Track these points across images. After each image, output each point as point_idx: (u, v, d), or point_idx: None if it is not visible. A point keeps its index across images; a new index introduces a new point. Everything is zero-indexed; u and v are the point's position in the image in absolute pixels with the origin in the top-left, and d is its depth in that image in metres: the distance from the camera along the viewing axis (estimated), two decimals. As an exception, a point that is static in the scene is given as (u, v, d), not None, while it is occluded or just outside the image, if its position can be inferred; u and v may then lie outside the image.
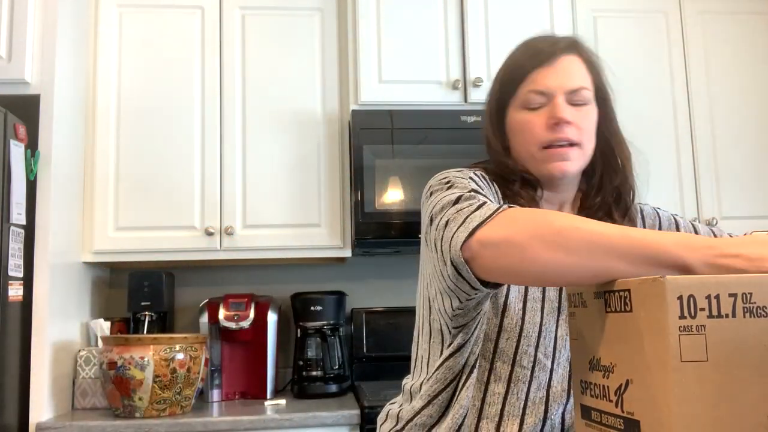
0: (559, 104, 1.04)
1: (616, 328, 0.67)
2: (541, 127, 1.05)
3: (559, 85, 1.05)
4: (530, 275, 0.81)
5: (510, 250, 0.81)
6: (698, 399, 0.58)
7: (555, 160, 1.05)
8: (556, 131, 1.04)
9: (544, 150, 1.05)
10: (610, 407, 0.68)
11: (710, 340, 0.59)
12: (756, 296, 0.60)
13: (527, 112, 1.06)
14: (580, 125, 1.05)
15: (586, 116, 1.06)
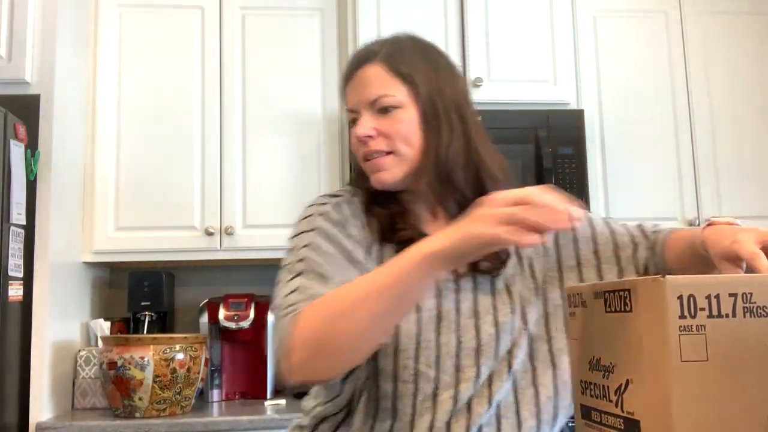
0: (360, 121, 1.05)
1: (616, 328, 0.67)
2: (355, 143, 1.06)
3: (358, 100, 1.06)
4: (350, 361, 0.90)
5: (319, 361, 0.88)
6: (698, 399, 0.58)
7: (373, 172, 1.05)
8: (363, 146, 1.05)
9: (365, 163, 1.06)
10: (610, 407, 0.68)
11: (710, 340, 0.59)
12: (756, 296, 0.60)
13: (352, 128, 1.07)
14: (389, 133, 1.03)
15: (395, 122, 1.03)
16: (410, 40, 1.11)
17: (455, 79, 1.10)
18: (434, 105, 1.05)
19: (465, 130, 1.06)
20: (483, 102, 2.42)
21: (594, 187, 2.44)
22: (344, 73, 1.09)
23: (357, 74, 1.06)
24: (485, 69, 2.43)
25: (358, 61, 1.07)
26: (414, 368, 0.98)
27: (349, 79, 1.08)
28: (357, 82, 1.06)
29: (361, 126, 1.04)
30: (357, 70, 1.07)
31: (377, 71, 1.05)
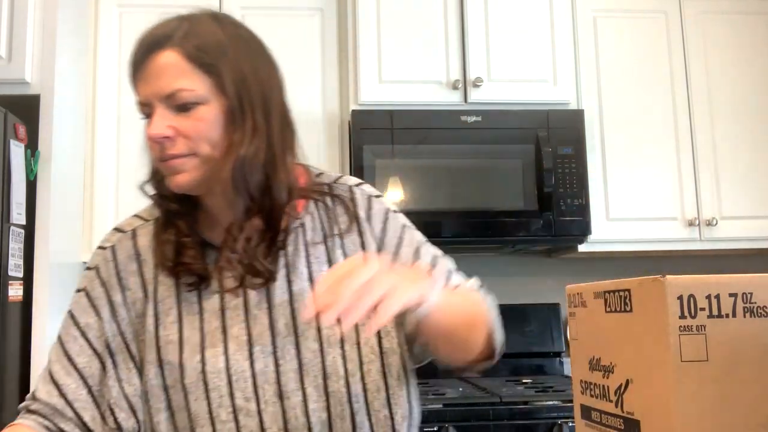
0: (153, 118, 0.90)
1: (616, 328, 0.67)
2: (149, 142, 0.91)
3: (151, 93, 0.91)
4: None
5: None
6: (698, 399, 0.58)
7: (170, 174, 0.91)
8: (159, 147, 0.90)
9: (161, 164, 0.91)
10: (610, 407, 0.68)
11: (710, 340, 0.59)
12: (756, 296, 0.60)
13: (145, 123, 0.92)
14: (189, 134, 0.89)
15: (197, 121, 0.89)
16: (212, 18, 0.97)
17: (266, 67, 1.00)
18: (240, 99, 0.92)
19: (268, 129, 0.94)
20: (483, 102, 2.43)
21: (594, 187, 2.44)
22: (132, 59, 0.93)
23: (148, 62, 0.91)
24: (485, 69, 2.43)
25: (149, 45, 0.92)
26: (231, 405, 0.90)
27: (139, 68, 0.92)
28: (149, 71, 0.91)
29: (155, 125, 0.89)
30: (148, 57, 0.91)
31: (173, 59, 0.90)
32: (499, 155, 2.37)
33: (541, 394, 2.13)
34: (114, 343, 0.96)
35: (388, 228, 1.02)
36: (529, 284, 2.75)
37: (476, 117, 2.37)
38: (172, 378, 0.92)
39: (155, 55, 0.91)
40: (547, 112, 2.41)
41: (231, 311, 0.94)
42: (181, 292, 0.96)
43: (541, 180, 2.32)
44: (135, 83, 0.94)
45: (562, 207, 2.35)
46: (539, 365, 2.64)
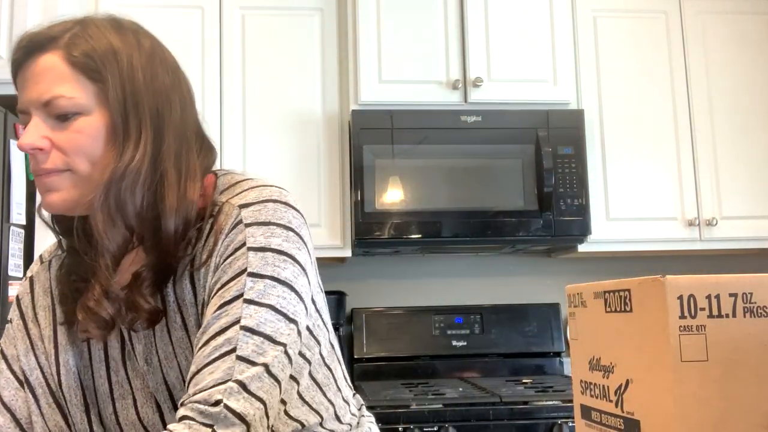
0: (27, 128, 0.81)
1: (616, 328, 0.67)
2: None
3: (28, 99, 0.81)
4: None
5: None
6: (698, 399, 0.58)
7: (43, 192, 0.82)
8: (34, 160, 0.81)
9: (36, 178, 0.82)
10: (610, 407, 0.68)
11: (710, 340, 0.59)
12: (756, 296, 0.60)
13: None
14: (65, 147, 0.80)
15: (75, 133, 0.81)
16: (111, 23, 0.87)
17: (165, 79, 0.86)
18: (126, 112, 0.82)
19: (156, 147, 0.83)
20: (483, 102, 2.43)
21: (594, 187, 2.44)
22: (12, 60, 0.84)
23: (28, 65, 0.82)
24: (485, 69, 2.43)
25: (31, 47, 0.83)
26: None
27: (18, 71, 0.83)
28: (28, 75, 0.82)
29: (27, 134, 0.80)
30: (28, 59, 0.82)
31: (55, 63, 0.82)
32: (499, 155, 2.37)
33: (541, 394, 2.13)
34: (32, 377, 0.91)
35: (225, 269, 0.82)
36: (529, 284, 2.75)
37: (476, 117, 2.37)
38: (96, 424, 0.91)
39: (36, 58, 0.82)
40: (547, 112, 2.41)
41: (130, 362, 0.89)
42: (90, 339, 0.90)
43: (541, 180, 2.32)
44: (16, 87, 0.84)
45: (562, 207, 2.35)
46: (539, 365, 2.64)
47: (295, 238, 0.85)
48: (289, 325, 0.81)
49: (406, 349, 2.58)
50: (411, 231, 2.29)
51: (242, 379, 0.76)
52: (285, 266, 0.82)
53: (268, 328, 0.79)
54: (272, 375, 0.79)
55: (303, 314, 0.84)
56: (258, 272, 0.81)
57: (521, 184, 2.35)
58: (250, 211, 0.84)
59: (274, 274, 0.81)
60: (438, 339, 2.59)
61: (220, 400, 0.74)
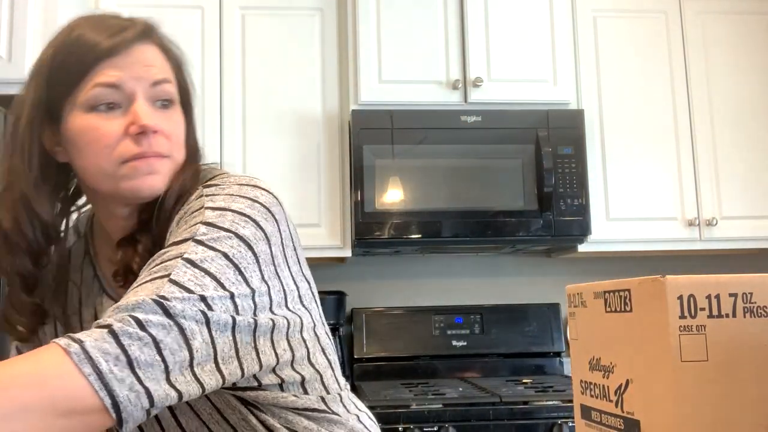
0: (140, 106, 0.81)
1: (616, 328, 0.67)
2: (117, 136, 0.81)
3: (138, 77, 0.82)
4: None
5: None
6: (698, 399, 0.58)
7: (141, 175, 0.81)
8: (140, 143, 0.81)
9: (125, 164, 0.81)
10: (610, 407, 0.68)
11: (710, 340, 0.59)
12: (756, 296, 0.60)
13: (95, 115, 0.81)
14: (170, 133, 0.84)
15: (174, 122, 0.86)
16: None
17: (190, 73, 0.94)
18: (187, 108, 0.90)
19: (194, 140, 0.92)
20: (483, 102, 2.43)
21: (594, 187, 2.44)
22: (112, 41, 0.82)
23: (135, 47, 0.83)
24: (485, 69, 2.43)
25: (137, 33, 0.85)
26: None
27: (119, 51, 0.82)
28: (138, 56, 0.83)
29: (148, 115, 0.81)
30: (132, 44, 0.83)
31: (157, 53, 0.86)
32: (499, 155, 2.37)
33: (541, 394, 2.13)
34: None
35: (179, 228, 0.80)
36: (529, 284, 2.75)
37: (476, 117, 2.37)
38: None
39: (142, 44, 0.85)
40: (547, 112, 2.41)
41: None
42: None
43: (541, 180, 2.32)
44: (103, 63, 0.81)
45: (562, 207, 2.35)
46: (539, 365, 2.64)
47: (262, 210, 0.80)
48: (239, 277, 0.74)
49: (406, 349, 2.58)
50: (411, 231, 2.29)
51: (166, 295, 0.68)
52: (246, 225, 0.77)
53: (213, 267, 0.73)
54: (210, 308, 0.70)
55: (258, 281, 0.77)
56: (214, 223, 0.76)
57: (521, 184, 2.35)
58: (213, 189, 0.83)
59: (231, 228, 0.76)
60: (438, 339, 2.59)
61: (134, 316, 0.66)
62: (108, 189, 0.83)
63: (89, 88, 0.81)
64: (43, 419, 0.61)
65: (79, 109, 0.82)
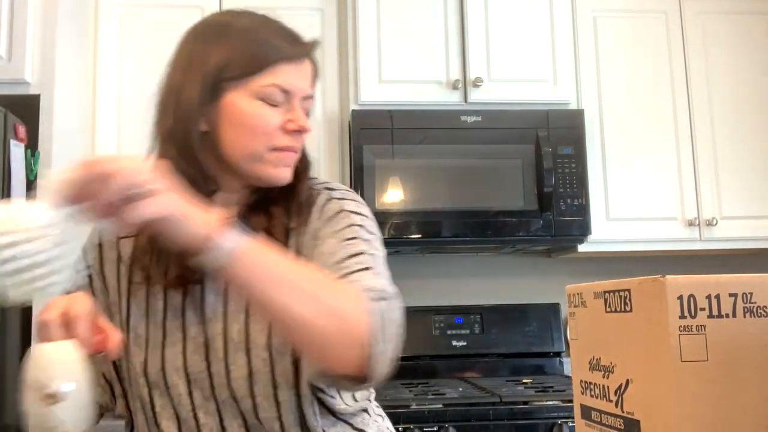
0: (297, 111, 0.95)
1: (616, 328, 0.67)
2: (275, 126, 0.93)
3: (301, 88, 0.96)
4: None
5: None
6: (698, 399, 0.58)
7: (282, 165, 0.95)
8: (293, 138, 0.95)
9: (272, 152, 0.94)
10: (610, 407, 0.68)
11: (710, 340, 0.59)
12: (756, 296, 0.60)
13: (262, 105, 0.93)
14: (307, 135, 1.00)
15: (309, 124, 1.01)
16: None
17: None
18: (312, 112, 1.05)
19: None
20: (483, 102, 2.43)
21: (594, 187, 2.44)
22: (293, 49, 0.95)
23: (304, 61, 0.97)
24: (485, 69, 2.43)
25: (306, 50, 0.98)
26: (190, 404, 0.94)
27: (297, 60, 0.96)
28: (304, 69, 0.97)
29: (304, 119, 0.96)
30: (306, 57, 0.97)
31: (312, 72, 0.99)
32: (499, 155, 2.37)
33: (541, 394, 2.13)
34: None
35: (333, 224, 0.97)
36: (529, 284, 2.75)
37: (476, 117, 2.37)
38: (135, 372, 0.96)
39: (308, 59, 0.98)
40: (547, 112, 2.41)
41: (190, 312, 0.95)
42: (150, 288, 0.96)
43: (541, 180, 2.32)
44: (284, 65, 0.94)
45: (562, 207, 2.35)
46: (539, 365, 2.64)
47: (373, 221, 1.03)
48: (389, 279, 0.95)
49: (406, 349, 2.56)
50: (411, 231, 2.29)
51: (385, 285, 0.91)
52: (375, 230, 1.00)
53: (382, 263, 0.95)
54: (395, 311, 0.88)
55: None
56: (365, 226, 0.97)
57: (521, 184, 2.35)
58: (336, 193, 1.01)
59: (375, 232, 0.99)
60: (438, 339, 2.59)
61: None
62: (246, 167, 0.94)
63: (266, 84, 0.92)
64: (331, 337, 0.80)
65: (247, 94, 0.92)
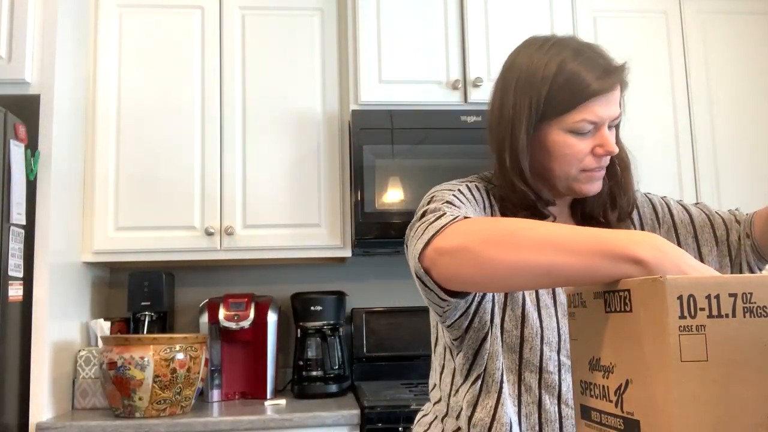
0: (607, 136, 1.04)
1: (616, 328, 0.67)
2: (585, 153, 1.05)
3: (609, 116, 1.04)
4: (486, 279, 0.83)
5: (464, 256, 0.84)
6: (698, 399, 0.58)
7: (590, 182, 1.07)
8: (601, 160, 1.06)
9: (584, 173, 1.06)
10: (610, 407, 0.68)
11: (710, 340, 0.59)
12: (756, 296, 0.60)
13: (573, 136, 1.04)
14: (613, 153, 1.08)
15: (615, 138, 1.09)
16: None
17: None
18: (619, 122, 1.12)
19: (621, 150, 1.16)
20: (483, 102, 2.42)
21: (594, 187, 2.44)
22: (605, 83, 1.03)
23: (614, 90, 1.04)
24: (485, 69, 2.43)
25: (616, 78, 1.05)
26: (557, 360, 1.02)
27: (606, 92, 1.03)
28: (611, 97, 1.04)
29: (612, 143, 1.05)
30: (615, 88, 1.04)
31: (619, 93, 1.06)
32: (499, 155, 2.37)
33: (541, 394, 2.12)
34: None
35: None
36: (529, 284, 2.74)
37: (476, 117, 2.37)
38: (512, 324, 1.04)
39: (617, 87, 1.05)
40: (547, 112, 2.40)
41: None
42: None
43: (541, 180, 2.32)
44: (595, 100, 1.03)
45: (562, 207, 2.34)
46: (539, 365, 2.63)
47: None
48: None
49: (406, 349, 2.58)
50: (411, 231, 2.29)
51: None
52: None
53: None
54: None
55: None
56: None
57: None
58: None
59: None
60: (438, 339, 2.59)
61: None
62: (562, 186, 1.07)
63: (577, 120, 1.02)
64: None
65: (560, 129, 1.04)
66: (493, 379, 1.03)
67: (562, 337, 1.04)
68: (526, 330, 1.03)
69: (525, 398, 1.02)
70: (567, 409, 1.02)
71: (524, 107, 1.05)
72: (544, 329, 1.03)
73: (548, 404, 1.02)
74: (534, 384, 1.02)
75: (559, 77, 1.03)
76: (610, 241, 0.76)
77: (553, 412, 1.01)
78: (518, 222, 0.85)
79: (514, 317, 1.04)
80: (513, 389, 1.03)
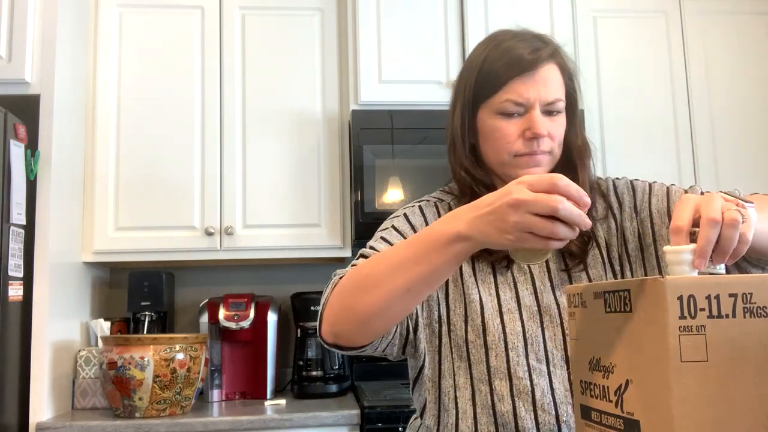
0: (536, 117, 1.03)
1: (616, 328, 0.67)
2: (515, 137, 1.04)
3: (537, 97, 1.04)
4: (371, 322, 0.91)
5: (346, 315, 0.92)
6: (698, 399, 0.58)
7: (528, 167, 1.05)
8: (531, 144, 1.04)
9: (515, 158, 1.06)
10: (610, 407, 0.68)
11: (710, 340, 0.59)
12: (756, 296, 0.60)
13: (501, 118, 1.05)
14: (553, 134, 1.06)
15: (558, 125, 1.06)
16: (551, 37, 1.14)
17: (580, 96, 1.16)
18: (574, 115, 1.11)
19: (579, 141, 1.14)
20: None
21: (594, 187, 2.43)
22: (522, 64, 1.04)
23: (541, 69, 1.04)
24: (485, 69, 2.43)
25: (545, 57, 1.06)
26: (527, 364, 1.02)
27: (529, 72, 1.04)
28: (539, 77, 1.04)
29: (541, 124, 1.04)
30: (542, 65, 1.05)
31: (557, 73, 1.07)
32: (499, 155, 2.37)
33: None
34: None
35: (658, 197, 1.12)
36: (529, 284, 2.74)
37: (476, 117, 2.37)
38: (474, 334, 1.04)
39: (547, 64, 1.06)
40: (547, 112, 2.40)
41: (521, 285, 1.07)
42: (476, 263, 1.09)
43: (541, 180, 2.32)
44: (514, 82, 1.04)
45: (562, 207, 2.34)
46: (539, 365, 2.63)
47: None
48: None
49: (406, 349, 2.58)
50: (411, 231, 2.29)
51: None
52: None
53: None
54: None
55: None
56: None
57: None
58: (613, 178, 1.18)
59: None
60: (438, 339, 2.59)
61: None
62: (500, 171, 1.08)
63: (502, 100, 1.04)
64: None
65: (489, 111, 1.06)
66: (448, 398, 1.05)
67: (529, 340, 1.02)
68: (488, 337, 1.03)
69: (499, 408, 1.00)
70: (545, 415, 0.99)
71: (459, 93, 1.10)
72: (507, 334, 1.02)
73: (523, 412, 0.99)
74: (506, 392, 1.01)
75: (486, 62, 1.06)
76: (433, 233, 0.84)
77: (529, 419, 0.99)
78: (369, 261, 0.93)
79: (475, 327, 1.04)
80: (486, 400, 1.01)
